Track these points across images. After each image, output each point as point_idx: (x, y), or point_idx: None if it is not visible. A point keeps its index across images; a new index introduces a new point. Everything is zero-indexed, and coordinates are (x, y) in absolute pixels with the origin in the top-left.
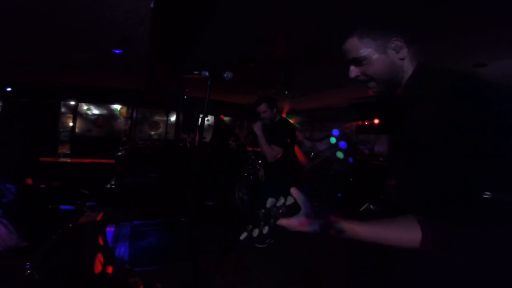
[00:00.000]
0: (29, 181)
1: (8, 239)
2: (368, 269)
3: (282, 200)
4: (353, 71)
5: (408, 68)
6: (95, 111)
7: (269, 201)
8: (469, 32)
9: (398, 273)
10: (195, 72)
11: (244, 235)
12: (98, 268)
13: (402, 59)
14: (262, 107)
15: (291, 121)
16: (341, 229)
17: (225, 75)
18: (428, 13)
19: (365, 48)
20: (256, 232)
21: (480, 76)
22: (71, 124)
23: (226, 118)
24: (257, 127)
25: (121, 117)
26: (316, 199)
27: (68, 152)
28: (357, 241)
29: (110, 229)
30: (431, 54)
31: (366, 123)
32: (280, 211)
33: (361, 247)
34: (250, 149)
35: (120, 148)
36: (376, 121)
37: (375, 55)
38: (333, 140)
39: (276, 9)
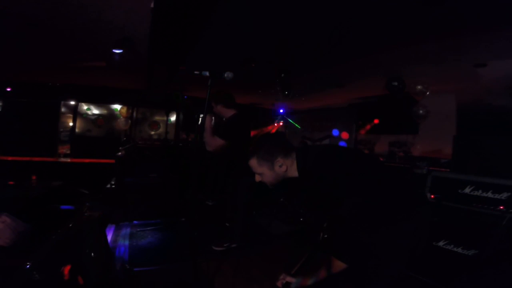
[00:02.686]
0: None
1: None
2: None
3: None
4: (256, 177)
5: (289, 171)
6: (95, 111)
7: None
8: (469, 32)
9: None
10: (195, 72)
11: None
12: (98, 268)
13: (285, 171)
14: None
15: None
16: None
17: (225, 75)
18: (428, 13)
19: (260, 167)
20: None
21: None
22: (71, 124)
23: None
24: (207, 119)
25: (121, 117)
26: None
27: (68, 152)
28: None
29: (110, 229)
30: (431, 54)
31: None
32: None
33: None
34: None
35: (120, 148)
36: (376, 121)
37: (267, 171)
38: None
39: (276, 9)
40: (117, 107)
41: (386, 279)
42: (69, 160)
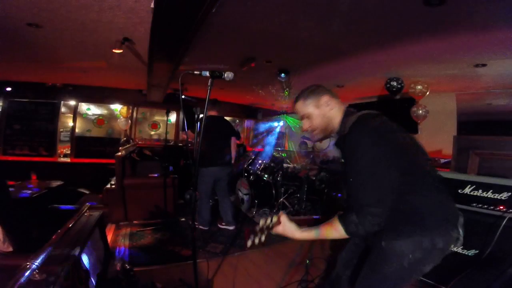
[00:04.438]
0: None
1: None
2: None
3: (269, 220)
4: (304, 124)
5: (337, 115)
6: (95, 111)
7: (261, 221)
8: (469, 32)
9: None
10: (195, 72)
11: (249, 243)
12: (98, 268)
13: (331, 110)
14: None
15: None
16: (309, 235)
17: (225, 75)
18: (428, 13)
19: (306, 107)
20: (257, 240)
21: (367, 119)
22: (71, 124)
23: (226, 118)
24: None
25: (121, 117)
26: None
27: (68, 152)
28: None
29: (110, 229)
30: (431, 54)
31: None
32: (271, 225)
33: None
34: (250, 149)
35: (120, 148)
36: None
37: (314, 111)
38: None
39: (276, 8)
40: (117, 107)
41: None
42: (69, 160)
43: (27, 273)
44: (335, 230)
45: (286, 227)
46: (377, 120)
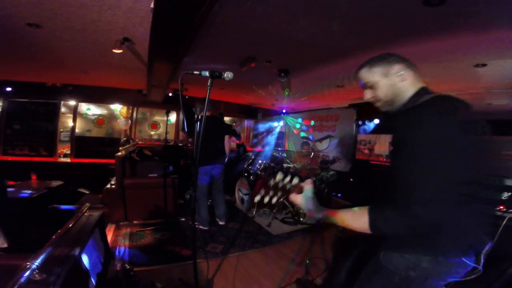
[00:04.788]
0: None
1: None
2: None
3: (288, 178)
4: (367, 94)
5: (408, 89)
6: (95, 111)
7: (278, 176)
8: (469, 32)
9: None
10: (195, 72)
11: (257, 198)
12: (98, 268)
13: (403, 81)
14: None
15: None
16: (327, 218)
17: (225, 75)
18: (428, 13)
19: (374, 76)
20: (266, 199)
21: (450, 108)
22: (71, 124)
23: (226, 118)
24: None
25: (121, 117)
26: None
27: (68, 152)
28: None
29: (110, 229)
30: (431, 54)
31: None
32: (287, 187)
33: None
34: (250, 149)
35: (120, 148)
36: (376, 121)
37: (382, 80)
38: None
39: (276, 8)
40: (117, 107)
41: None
42: (69, 160)
43: (27, 273)
44: (358, 220)
45: (306, 201)
46: (462, 108)
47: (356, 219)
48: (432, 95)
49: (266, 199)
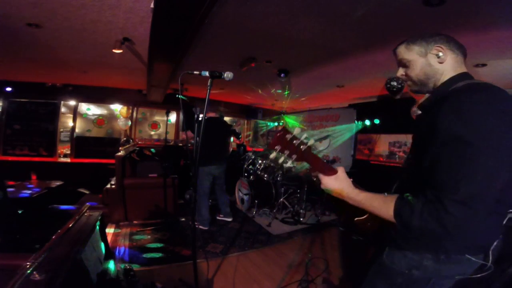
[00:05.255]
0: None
1: None
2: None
3: (304, 135)
4: (399, 71)
5: (446, 73)
6: (95, 111)
7: (296, 130)
8: (469, 32)
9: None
10: (195, 72)
11: (272, 155)
12: (98, 268)
13: (441, 63)
14: None
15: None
16: (353, 195)
17: (225, 75)
18: (428, 13)
19: (410, 53)
20: (281, 159)
21: (489, 100)
22: (71, 124)
23: (226, 118)
24: None
25: (121, 117)
26: None
27: (68, 152)
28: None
29: (110, 229)
30: None
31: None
32: (302, 148)
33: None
34: (250, 149)
35: (120, 148)
36: (377, 121)
37: (417, 59)
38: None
39: (276, 8)
40: (117, 107)
41: None
42: (69, 160)
43: (27, 273)
44: (386, 204)
45: (341, 180)
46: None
47: (385, 202)
48: (474, 81)
49: (281, 159)
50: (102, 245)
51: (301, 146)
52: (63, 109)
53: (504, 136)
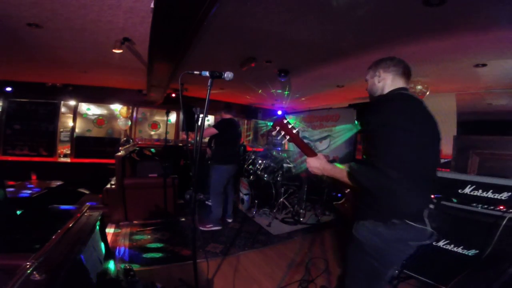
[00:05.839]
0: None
1: None
2: None
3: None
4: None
5: (384, 88)
6: (95, 111)
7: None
8: (469, 32)
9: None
10: (195, 72)
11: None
12: (98, 268)
13: (379, 82)
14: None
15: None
16: (328, 168)
17: (225, 75)
18: (428, 13)
19: (368, 75)
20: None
21: (384, 105)
22: (71, 124)
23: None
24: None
25: (121, 117)
26: None
27: (68, 152)
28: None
29: (110, 229)
30: (431, 54)
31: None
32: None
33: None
34: (250, 149)
35: (120, 148)
36: None
37: (369, 79)
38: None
39: (276, 8)
40: (117, 107)
41: None
42: (69, 160)
43: (27, 273)
44: (342, 172)
45: (320, 161)
46: (412, 102)
47: (341, 172)
48: (400, 92)
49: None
50: (102, 245)
51: (294, 130)
52: (63, 109)
53: (403, 126)
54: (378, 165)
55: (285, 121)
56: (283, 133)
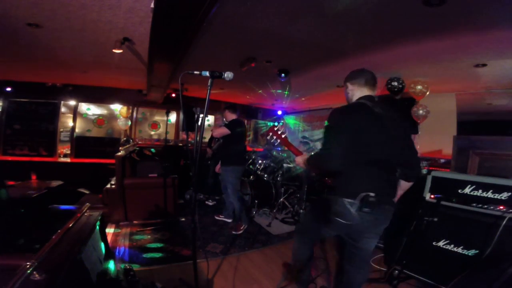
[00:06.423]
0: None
1: None
2: None
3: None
4: None
5: (355, 97)
6: (95, 111)
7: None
8: (469, 32)
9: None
10: (195, 72)
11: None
12: (98, 268)
13: (349, 92)
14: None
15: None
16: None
17: (225, 75)
18: (428, 12)
19: (345, 85)
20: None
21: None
22: (71, 124)
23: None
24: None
25: (121, 117)
26: None
27: (68, 152)
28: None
29: (110, 229)
30: (431, 54)
31: None
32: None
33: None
34: (250, 149)
35: (120, 148)
36: None
37: (344, 89)
38: None
39: (276, 8)
40: (117, 107)
41: None
42: (69, 160)
43: (27, 273)
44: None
45: (304, 157)
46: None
47: (308, 159)
48: (359, 101)
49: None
50: (102, 245)
51: (283, 135)
52: (63, 109)
53: (344, 125)
54: (321, 152)
55: (275, 129)
56: (275, 137)
